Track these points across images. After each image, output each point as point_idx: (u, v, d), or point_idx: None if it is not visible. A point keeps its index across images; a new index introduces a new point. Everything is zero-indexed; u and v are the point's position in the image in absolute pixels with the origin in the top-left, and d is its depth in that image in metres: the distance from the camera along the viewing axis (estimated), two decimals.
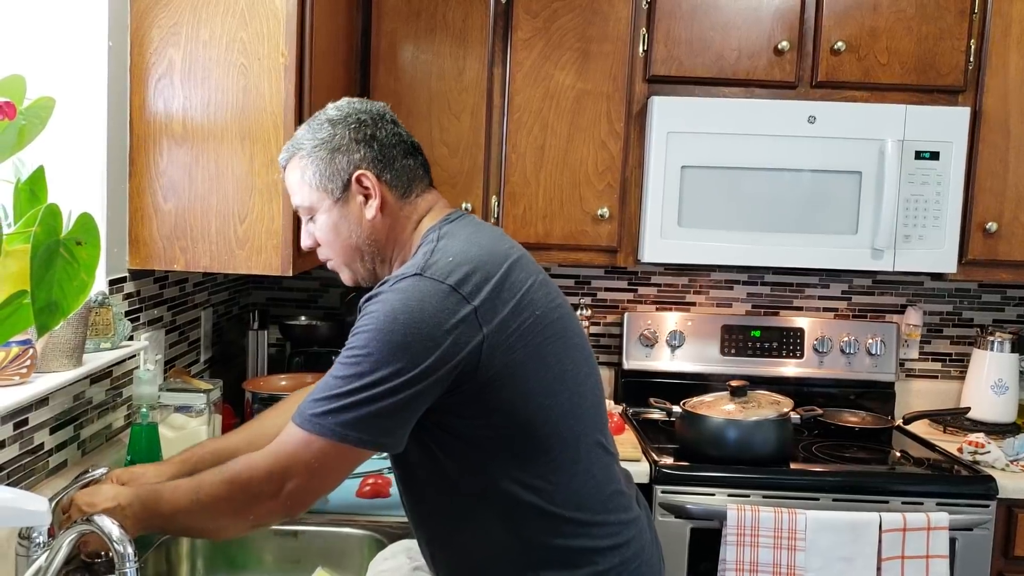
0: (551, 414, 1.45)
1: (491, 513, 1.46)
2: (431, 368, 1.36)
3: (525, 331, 1.43)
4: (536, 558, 1.46)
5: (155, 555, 1.84)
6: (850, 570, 2.29)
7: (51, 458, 1.80)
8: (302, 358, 2.91)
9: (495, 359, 1.39)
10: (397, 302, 1.38)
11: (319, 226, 1.57)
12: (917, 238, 2.67)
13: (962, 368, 3.14)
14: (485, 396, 1.41)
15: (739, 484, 2.40)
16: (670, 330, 3.01)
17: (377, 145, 1.54)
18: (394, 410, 1.37)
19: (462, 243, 1.47)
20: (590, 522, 1.47)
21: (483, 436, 1.43)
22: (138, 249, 2.09)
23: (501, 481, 1.44)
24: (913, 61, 2.68)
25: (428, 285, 1.39)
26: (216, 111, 2.05)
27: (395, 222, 1.55)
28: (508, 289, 1.44)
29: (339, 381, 1.37)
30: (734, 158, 2.65)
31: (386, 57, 2.67)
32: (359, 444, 1.37)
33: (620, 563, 1.49)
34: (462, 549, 1.51)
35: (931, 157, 2.64)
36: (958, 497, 2.40)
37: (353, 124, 1.54)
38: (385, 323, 1.36)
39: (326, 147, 1.53)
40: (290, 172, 1.59)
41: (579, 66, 2.68)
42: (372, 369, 1.35)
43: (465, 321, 1.38)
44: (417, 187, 1.58)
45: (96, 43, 1.94)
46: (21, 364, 1.57)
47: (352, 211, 1.54)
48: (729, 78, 2.71)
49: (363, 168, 1.53)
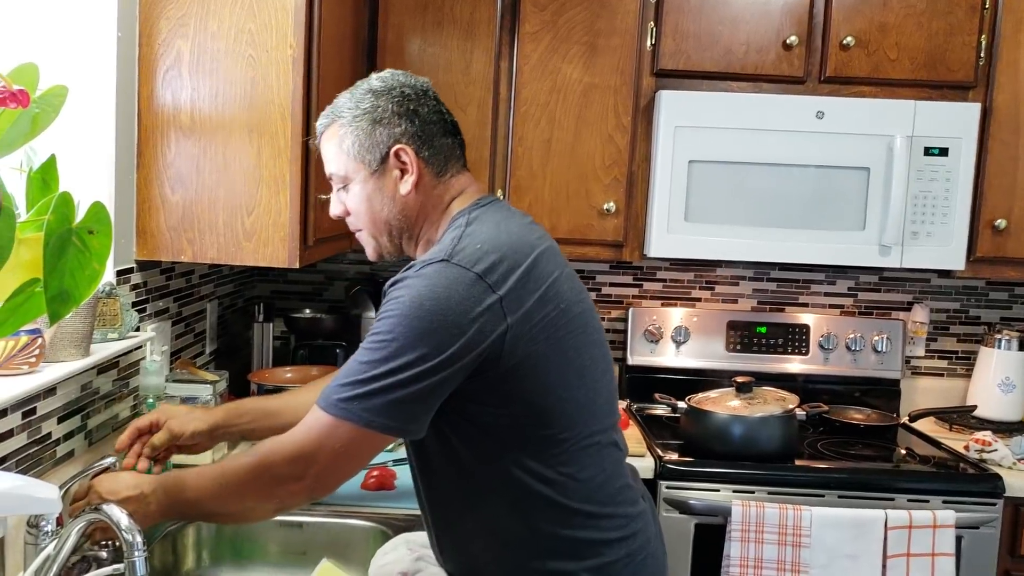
0: (568, 407, 1.46)
1: (502, 501, 1.46)
2: (456, 355, 1.36)
3: (549, 323, 1.43)
4: (544, 548, 1.46)
5: (161, 545, 1.84)
6: (855, 567, 2.29)
7: (58, 447, 1.80)
8: (306, 351, 2.91)
9: (518, 349, 1.39)
10: (423, 288, 1.37)
11: (351, 196, 1.56)
12: (925, 235, 2.66)
13: (968, 366, 3.13)
14: (505, 385, 1.41)
15: (744, 480, 2.39)
16: (675, 326, 3.01)
17: (419, 121, 1.53)
18: (419, 396, 1.37)
19: (491, 229, 1.47)
20: (598, 514, 1.48)
21: (500, 425, 1.43)
22: (145, 240, 2.08)
23: (514, 470, 1.44)
24: (923, 56, 2.67)
25: (455, 272, 1.38)
26: (224, 103, 2.04)
27: (427, 200, 1.55)
28: (534, 280, 1.44)
29: (365, 366, 1.37)
30: (742, 153, 2.64)
31: (393, 50, 2.66)
32: (384, 430, 1.37)
33: (626, 555, 1.49)
34: (470, 536, 1.51)
35: (940, 153, 2.63)
36: (964, 495, 2.39)
37: (397, 97, 1.53)
38: (411, 309, 1.36)
39: (368, 117, 1.52)
40: (327, 140, 1.57)
41: (586, 60, 2.67)
42: (397, 355, 1.35)
43: (490, 310, 1.38)
44: (452, 167, 1.57)
45: (105, 34, 1.93)
46: (30, 353, 1.57)
47: (387, 184, 1.53)
48: (737, 73, 2.70)
49: (403, 142, 1.52)
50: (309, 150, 2.07)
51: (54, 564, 1.46)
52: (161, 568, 1.83)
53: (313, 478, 1.39)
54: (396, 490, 2.10)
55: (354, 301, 2.91)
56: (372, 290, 2.91)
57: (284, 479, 1.40)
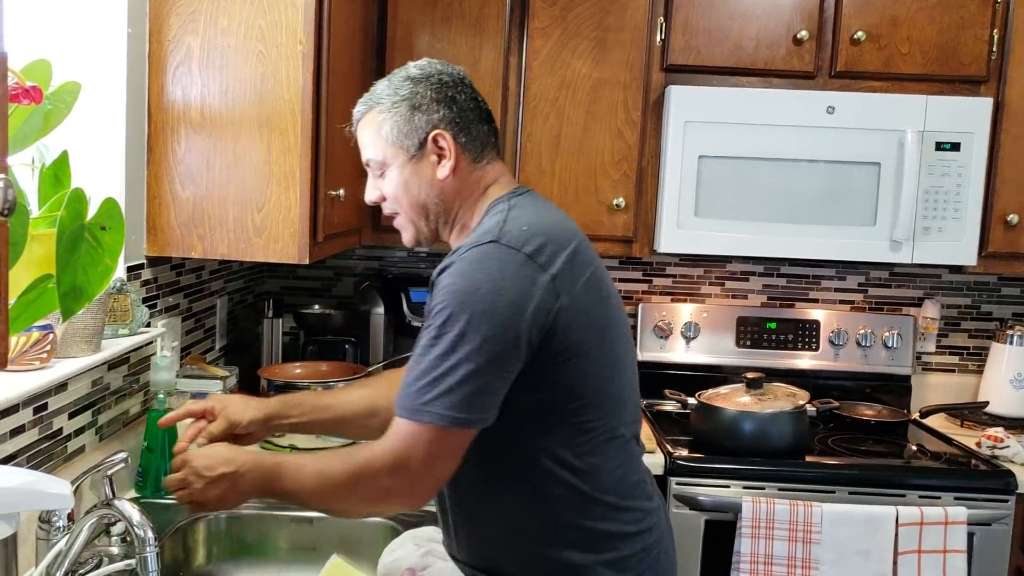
0: (602, 397, 1.48)
1: (525, 489, 1.47)
2: (521, 333, 1.37)
3: (592, 309, 1.46)
4: (563, 538, 1.47)
5: (172, 540, 1.84)
6: (866, 564, 2.28)
7: (69, 443, 1.81)
8: (316, 346, 2.91)
9: (568, 332, 1.41)
10: (476, 272, 1.38)
11: (388, 181, 1.57)
12: (936, 230, 2.65)
13: (980, 362, 3.12)
14: (550, 369, 1.42)
15: (754, 476, 2.39)
16: (685, 321, 3.00)
17: (456, 107, 1.54)
18: (493, 382, 1.38)
19: (533, 215, 1.49)
20: (618, 506, 1.49)
21: (534, 410, 1.44)
22: (156, 236, 2.09)
23: (540, 457, 1.45)
24: (935, 51, 2.66)
25: (505, 252, 1.40)
26: (234, 99, 2.04)
27: (464, 185, 1.56)
28: (579, 265, 1.46)
29: (434, 362, 1.36)
30: (752, 148, 2.63)
31: (402, 45, 2.66)
32: (468, 424, 1.38)
33: (641, 550, 1.50)
34: (490, 523, 1.52)
35: (952, 148, 2.62)
36: (976, 491, 2.38)
37: (435, 84, 1.54)
38: (468, 295, 1.36)
39: (406, 104, 1.53)
40: (365, 126, 1.58)
41: (596, 55, 2.67)
42: (464, 343, 1.35)
43: (544, 288, 1.39)
44: (488, 153, 1.58)
45: (116, 30, 1.94)
46: (41, 349, 1.58)
47: (424, 170, 1.54)
48: (747, 68, 2.69)
49: (441, 128, 1.53)
50: (319, 146, 2.07)
51: (66, 559, 1.47)
52: (172, 563, 1.84)
53: (410, 487, 1.40)
54: None
55: (363, 297, 2.91)
56: (381, 286, 2.91)
57: (382, 490, 1.41)
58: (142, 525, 1.36)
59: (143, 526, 1.36)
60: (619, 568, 1.49)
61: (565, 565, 1.47)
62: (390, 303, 2.88)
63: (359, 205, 2.53)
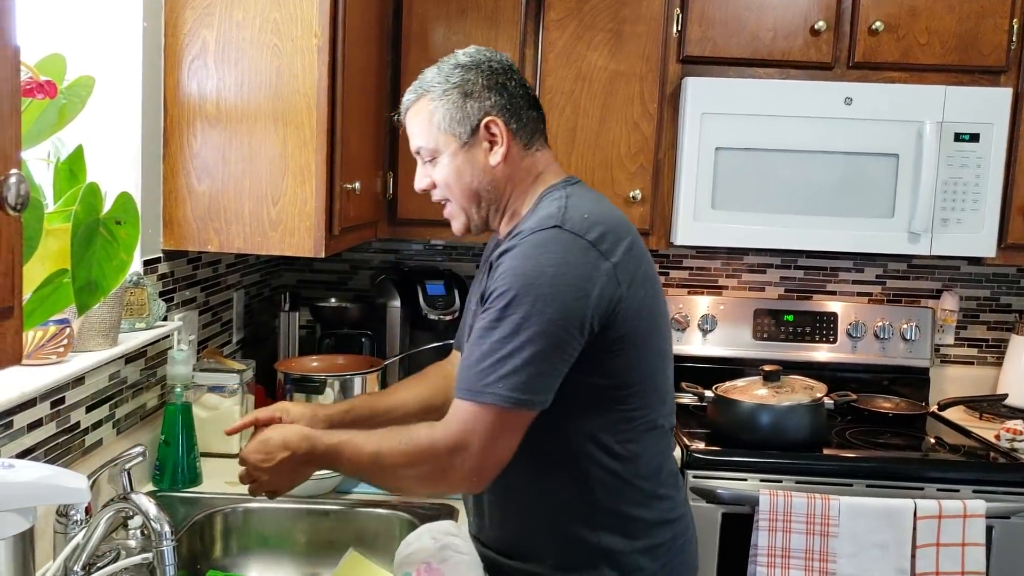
0: (647, 387, 1.51)
1: (568, 471, 1.49)
2: (583, 319, 1.39)
3: (647, 300, 1.48)
4: (600, 522, 1.50)
5: (189, 534, 1.85)
6: (884, 557, 2.27)
7: (87, 437, 1.81)
8: (332, 340, 2.91)
9: (625, 321, 1.43)
10: (541, 256, 1.39)
11: (440, 169, 1.58)
12: (955, 222, 2.63)
13: (999, 354, 3.10)
14: (604, 356, 1.44)
15: (771, 469, 2.38)
16: (702, 314, 2.99)
17: (507, 94, 1.55)
18: (555, 365, 1.39)
19: (591, 204, 1.50)
20: (654, 494, 1.53)
21: (583, 395, 1.45)
22: (172, 230, 2.09)
23: (585, 442, 1.48)
24: (954, 41, 2.63)
25: (568, 238, 1.41)
26: (249, 92, 2.05)
27: (514, 172, 1.56)
28: (635, 256, 1.48)
29: (498, 344, 1.38)
30: (769, 140, 2.61)
31: (418, 38, 2.65)
32: (530, 406, 1.39)
33: (672, 538, 1.55)
34: (529, 505, 1.53)
35: (971, 139, 2.60)
36: (995, 484, 2.37)
37: (486, 71, 1.55)
38: (533, 277, 1.38)
39: (458, 91, 1.54)
40: (415, 114, 1.59)
41: (612, 47, 2.65)
42: (528, 325, 1.36)
43: (607, 275, 1.41)
44: (537, 140, 1.59)
45: (131, 24, 1.94)
46: (58, 343, 1.58)
47: (476, 157, 1.55)
48: (764, 59, 2.67)
49: (493, 115, 1.53)
50: (334, 139, 2.07)
51: (83, 553, 1.48)
52: (189, 556, 1.84)
53: (470, 469, 1.41)
54: None
55: (379, 290, 2.91)
56: (397, 279, 2.91)
57: (441, 471, 1.42)
58: (159, 519, 1.37)
59: (160, 520, 1.37)
60: (652, 555, 1.52)
61: (602, 550, 1.50)
62: (406, 296, 2.88)
63: (375, 198, 2.54)
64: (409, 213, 2.67)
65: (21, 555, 1.12)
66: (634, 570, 1.51)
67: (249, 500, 1.97)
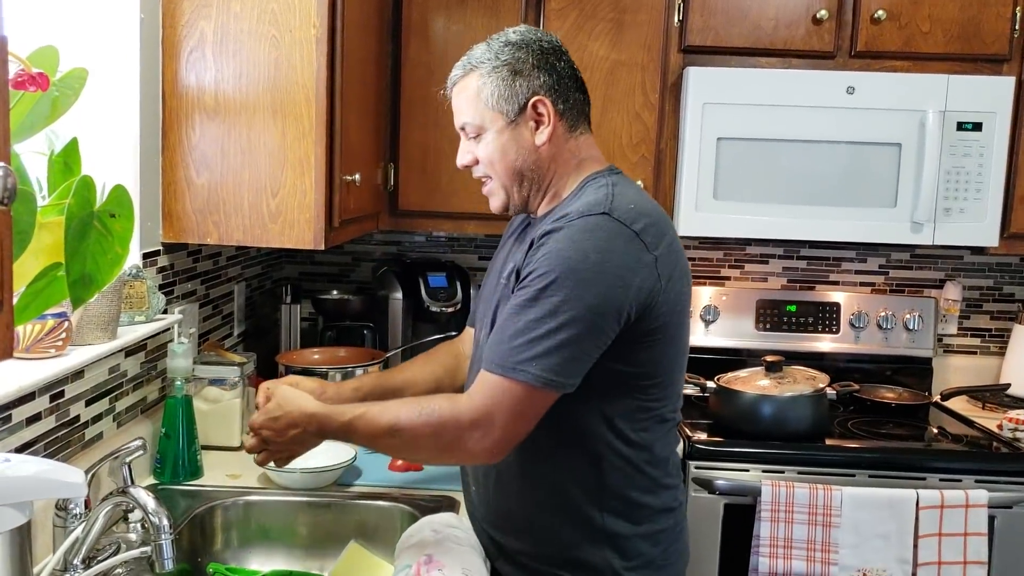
0: (667, 380, 1.53)
1: (583, 454, 1.51)
2: (621, 308, 1.39)
3: (680, 296, 1.50)
4: (609, 506, 1.52)
5: (189, 527, 1.85)
6: (886, 547, 2.27)
7: (87, 430, 1.81)
8: (334, 332, 2.91)
9: (660, 315, 1.45)
10: (586, 241, 1.40)
11: (484, 145, 1.57)
12: (958, 211, 2.61)
13: (1002, 344, 3.09)
14: (635, 346, 1.45)
15: (774, 460, 2.37)
16: (704, 305, 2.98)
17: (556, 74, 1.55)
18: (588, 350, 1.40)
19: (636, 195, 1.52)
20: (661, 483, 1.56)
21: (609, 381, 1.47)
22: (171, 223, 2.09)
23: (602, 426, 1.49)
24: (956, 29, 2.61)
25: (615, 226, 1.42)
26: (248, 84, 2.04)
27: (559, 153, 1.56)
28: (674, 252, 1.49)
29: (535, 324, 1.38)
30: (771, 130, 2.60)
31: (417, 28, 2.64)
32: (559, 388, 1.40)
33: (672, 525, 1.58)
34: (540, 484, 1.55)
35: (974, 128, 2.58)
36: (998, 474, 2.36)
37: (536, 50, 1.55)
38: (576, 261, 1.38)
39: (508, 68, 1.53)
40: (462, 89, 1.58)
41: (613, 36, 2.64)
42: (566, 308, 1.37)
43: (648, 267, 1.42)
44: (582, 123, 1.59)
45: (128, 16, 1.93)
46: (56, 337, 1.58)
47: (522, 135, 1.55)
48: (766, 48, 2.66)
49: (541, 94, 1.53)
50: (334, 131, 2.06)
51: (83, 546, 1.48)
52: (190, 549, 1.84)
53: (492, 442, 1.42)
54: (424, 472, 2.10)
55: (381, 282, 2.90)
56: (399, 271, 2.91)
57: (461, 443, 1.43)
58: (157, 512, 1.37)
59: (158, 513, 1.37)
60: (653, 541, 1.55)
61: (607, 533, 1.52)
62: (408, 288, 2.87)
63: (375, 190, 2.53)
64: (410, 205, 2.66)
65: (18, 549, 1.12)
66: (636, 555, 1.53)
67: (250, 493, 1.98)
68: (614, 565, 1.52)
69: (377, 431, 1.47)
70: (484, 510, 1.65)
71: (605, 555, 1.52)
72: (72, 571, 1.48)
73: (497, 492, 1.60)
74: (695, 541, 2.34)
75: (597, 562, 1.52)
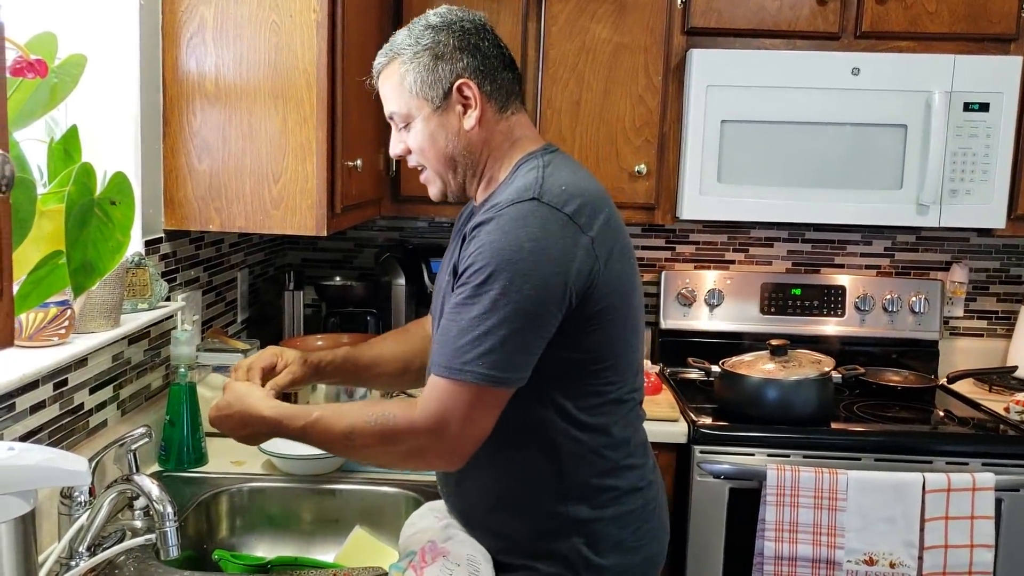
0: (620, 362, 1.49)
1: (538, 444, 1.48)
2: (561, 295, 1.37)
3: (623, 276, 1.46)
4: (569, 494, 1.49)
5: (195, 514, 1.85)
6: (892, 531, 2.26)
7: (91, 418, 1.81)
8: (337, 318, 2.90)
9: (602, 296, 1.42)
10: (519, 230, 1.36)
11: (414, 134, 1.54)
12: (964, 193, 2.60)
13: (1009, 326, 3.07)
14: (579, 331, 1.42)
15: (779, 444, 2.37)
16: (708, 289, 2.97)
17: (480, 55, 1.50)
18: (532, 341, 1.37)
19: (568, 175, 1.47)
20: (623, 464, 1.53)
21: (554, 369, 1.43)
22: (173, 210, 2.08)
23: (554, 414, 1.46)
24: (963, 9, 2.59)
25: (547, 211, 1.38)
26: (248, 70, 2.03)
27: (491, 136, 1.53)
28: (612, 230, 1.45)
29: (474, 321, 1.35)
30: (775, 112, 2.58)
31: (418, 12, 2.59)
32: (508, 384, 1.37)
33: (642, 504, 1.55)
34: (498, 477, 1.52)
35: (980, 109, 2.56)
36: (1004, 457, 2.35)
37: (457, 32, 1.50)
38: (511, 252, 1.35)
39: (429, 53, 1.49)
40: (386, 78, 1.55)
41: (616, 19, 2.62)
42: (506, 302, 1.34)
43: (585, 250, 1.39)
44: (512, 103, 1.55)
45: (127, 1, 1.92)
46: (59, 325, 1.58)
47: (450, 120, 1.51)
48: (770, 29, 2.64)
49: (465, 77, 1.49)
50: (335, 116, 2.05)
51: (88, 534, 1.48)
52: (195, 536, 1.84)
53: (449, 447, 1.39)
54: None
55: (384, 268, 2.90)
56: (402, 257, 2.90)
57: (419, 451, 1.40)
58: (161, 500, 1.36)
59: (162, 501, 1.37)
60: (621, 523, 1.52)
61: (571, 520, 1.50)
62: (411, 274, 2.87)
63: (377, 176, 2.52)
64: (412, 191, 2.64)
65: (23, 537, 1.12)
66: (604, 538, 1.51)
67: (255, 479, 1.98)
68: (583, 551, 1.49)
69: (333, 438, 1.45)
70: (451, 506, 1.64)
71: (573, 543, 1.49)
72: (77, 559, 1.48)
73: (460, 490, 1.58)
74: (700, 526, 2.36)
75: (566, 550, 1.49)
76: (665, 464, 2.28)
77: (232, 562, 1.76)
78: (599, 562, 1.50)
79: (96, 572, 1.51)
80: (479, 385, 1.35)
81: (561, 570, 1.50)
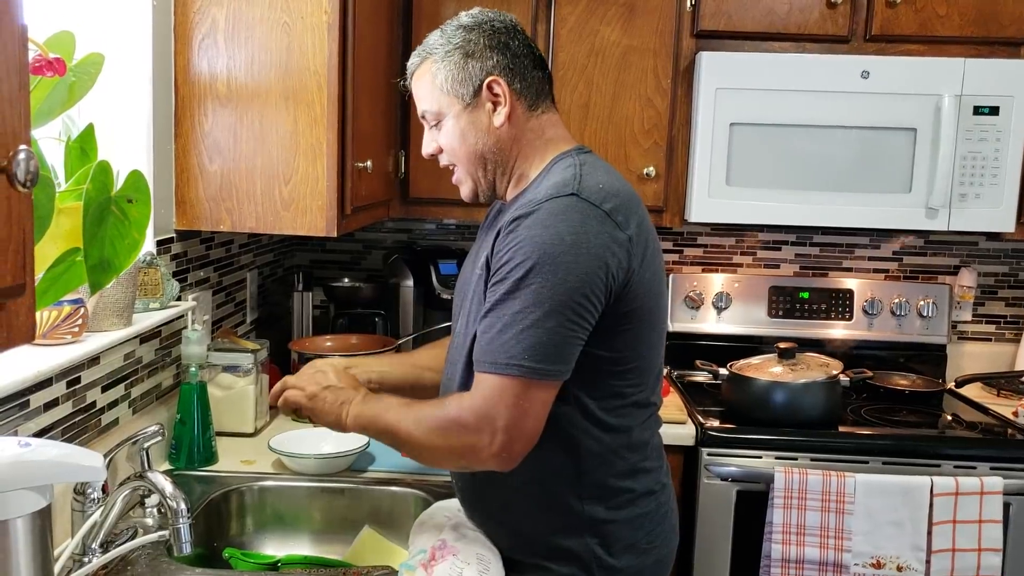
0: (643, 365, 1.51)
1: (559, 441, 1.48)
2: (603, 287, 1.38)
3: (654, 278, 1.48)
4: (587, 492, 1.50)
5: (205, 511, 1.86)
6: (900, 534, 2.26)
7: (103, 416, 1.82)
8: (346, 319, 2.91)
9: (635, 297, 1.43)
10: (560, 223, 1.37)
11: (445, 132, 1.56)
12: (974, 196, 2.59)
13: (1017, 331, 3.07)
14: (611, 330, 1.43)
15: (787, 447, 2.37)
16: (716, 291, 2.97)
17: (510, 54, 1.53)
18: (576, 332, 1.38)
19: (604, 174, 1.49)
20: (641, 468, 1.54)
21: (585, 367, 1.43)
22: (184, 210, 2.09)
23: (576, 413, 1.47)
24: (973, 12, 2.59)
25: (586, 207, 1.39)
26: (260, 71, 2.03)
27: (521, 134, 1.55)
28: (645, 231, 1.47)
29: (519, 315, 1.36)
30: (784, 115, 2.59)
31: (428, 15, 2.63)
32: (556, 376, 1.38)
33: (655, 508, 1.56)
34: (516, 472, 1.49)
35: (990, 112, 2.56)
36: (1013, 461, 2.35)
37: (488, 31, 1.53)
38: (552, 245, 1.36)
39: (460, 52, 1.52)
40: (419, 78, 1.57)
41: (625, 21, 2.62)
42: (549, 295, 1.35)
43: (622, 247, 1.40)
44: (543, 102, 1.57)
45: (140, 2, 1.93)
46: (73, 323, 1.59)
47: (480, 118, 1.53)
48: (780, 32, 2.64)
49: (495, 74, 1.51)
50: (345, 117, 2.06)
51: (101, 531, 1.49)
52: (205, 534, 1.85)
53: (500, 444, 1.38)
54: None
55: (392, 270, 2.90)
56: (410, 258, 2.91)
57: (470, 448, 1.40)
58: (175, 497, 1.37)
59: (176, 498, 1.37)
60: (635, 526, 1.53)
61: (587, 519, 1.50)
62: (419, 276, 2.88)
63: (387, 177, 2.53)
64: (421, 192, 2.65)
65: (39, 532, 1.13)
66: (617, 539, 1.52)
67: (265, 478, 1.98)
68: (596, 551, 1.50)
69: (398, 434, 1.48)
70: (466, 504, 1.64)
71: (586, 542, 1.50)
72: (90, 555, 1.49)
73: (475, 484, 1.58)
74: (708, 528, 2.36)
75: (579, 549, 1.50)
76: (673, 466, 2.27)
77: (242, 560, 1.77)
78: (612, 563, 1.51)
79: (108, 569, 1.52)
80: (527, 379, 1.36)
81: (574, 570, 1.50)
